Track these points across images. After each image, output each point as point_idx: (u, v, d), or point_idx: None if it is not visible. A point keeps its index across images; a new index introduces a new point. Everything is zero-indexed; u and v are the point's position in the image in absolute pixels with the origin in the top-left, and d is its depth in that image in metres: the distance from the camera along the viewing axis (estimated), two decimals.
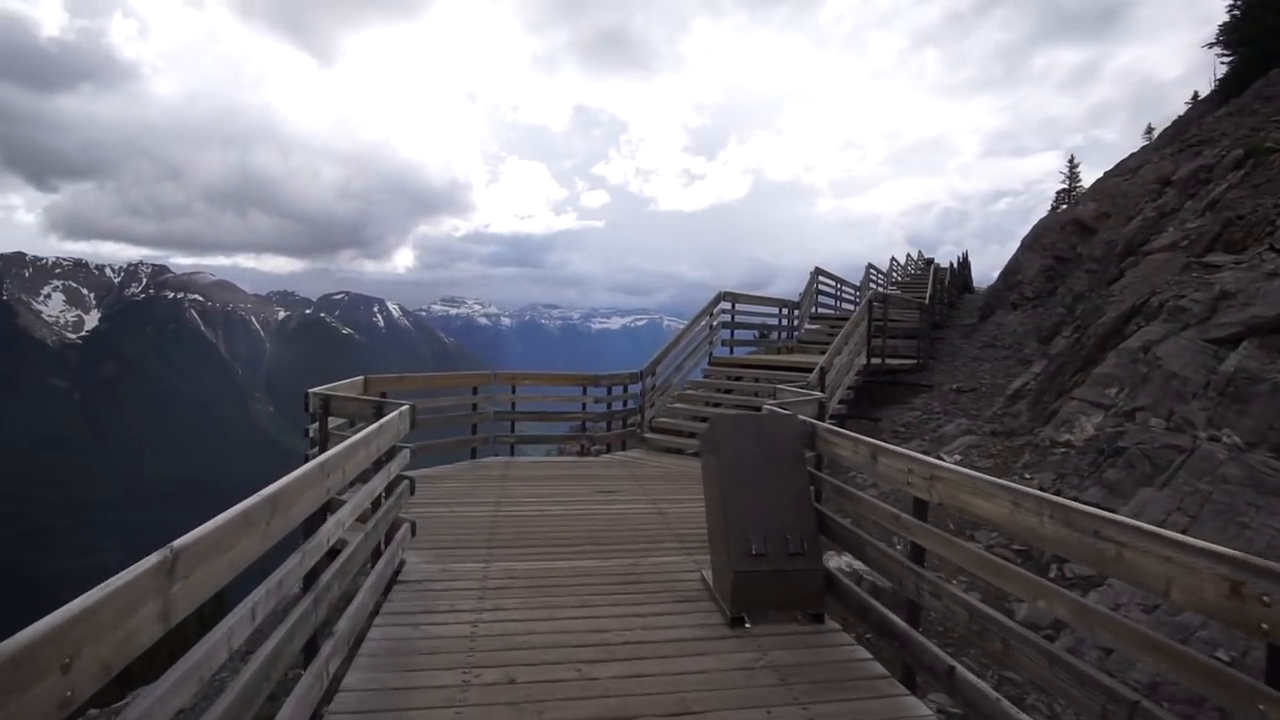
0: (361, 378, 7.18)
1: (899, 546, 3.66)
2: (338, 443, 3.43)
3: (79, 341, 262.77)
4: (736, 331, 12.15)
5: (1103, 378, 7.81)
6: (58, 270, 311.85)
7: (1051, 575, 5.18)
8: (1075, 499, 4.66)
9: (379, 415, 4.86)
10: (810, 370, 9.83)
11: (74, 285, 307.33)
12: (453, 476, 7.52)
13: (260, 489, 2.13)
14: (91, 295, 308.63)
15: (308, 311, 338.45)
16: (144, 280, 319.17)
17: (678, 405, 10.25)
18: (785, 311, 13.81)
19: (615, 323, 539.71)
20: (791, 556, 3.81)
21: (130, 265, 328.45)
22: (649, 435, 9.62)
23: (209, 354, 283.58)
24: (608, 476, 7.73)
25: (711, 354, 11.30)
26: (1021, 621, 3.50)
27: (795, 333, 14.05)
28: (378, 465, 4.26)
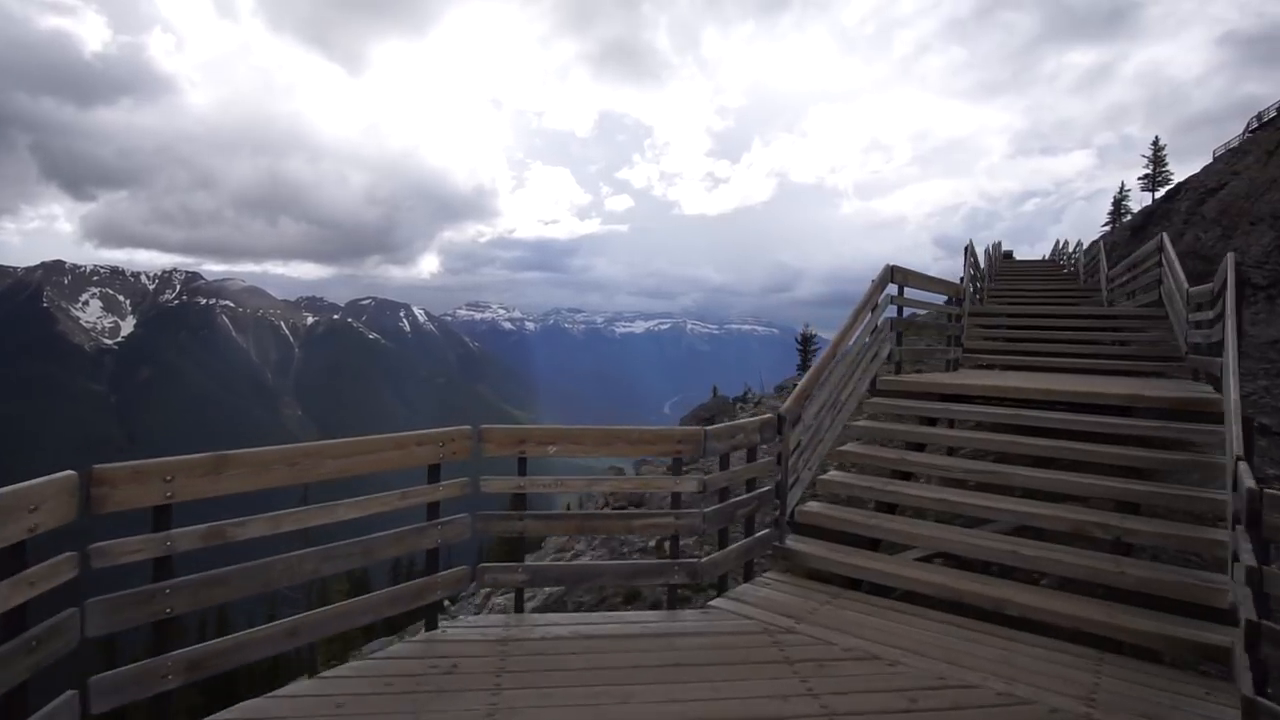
0: (69, 475, 2.46)
1: None
2: None
3: (115, 347, 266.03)
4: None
5: None
6: (95, 278, 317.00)
7: None
8: None
9: None
10: (1108, 405, 4.90)
11: (110, 292, 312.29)
12: None
13: None
14: (127, 302, 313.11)
15: (335, 317, 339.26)
16: (177, 287, 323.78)
17: (834, 476, 5.37)
18: (951, 301, 8.82)
19: (639, 326, 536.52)
20: None
21: (164, 272, 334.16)
22: (792, 544, 4.74)
23: (240, 359, 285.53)
24: None
25: (877, 377, 6.38)
26: None
27: (960, 335, 9.08)
28: None
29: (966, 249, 10.51)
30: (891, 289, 6.72)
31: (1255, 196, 15.39)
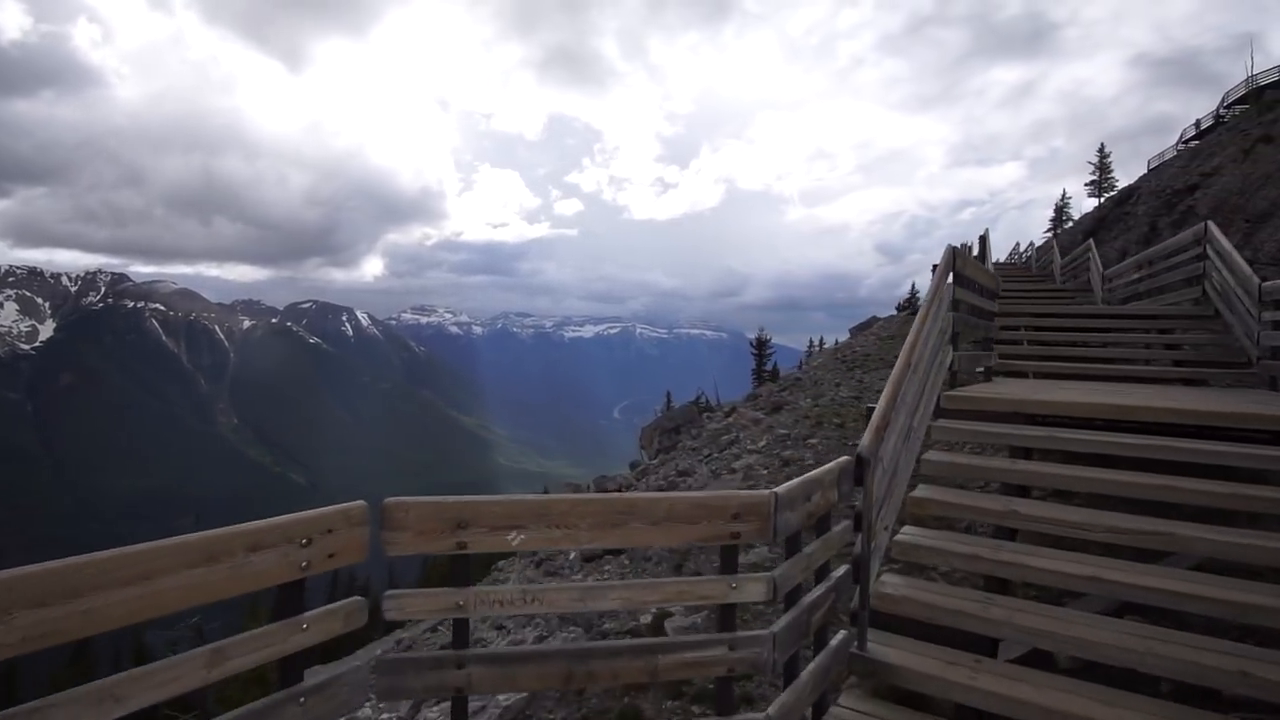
0: None
1: None
2: None
3: (32, 352, 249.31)
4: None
5: None
6: (10, 279, 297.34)
7: None
8: None
9: None
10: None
11: (28, 294, 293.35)
12: None
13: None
14: (47, 304, 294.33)
15: (274, 320, 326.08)
16: (102, 289, 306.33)
17: (916, 538, 3.79)
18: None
19: (588, 331, 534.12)
20: None
21: (88, 274, 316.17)
22: (877, 649, 3.13)
23: (171, 364, 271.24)
24: None
25: (941, 393, 4.83)
26: None
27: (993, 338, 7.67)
28: None
29: (982, 238, 9.13)
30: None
31: (1250, 193, 14.65)
